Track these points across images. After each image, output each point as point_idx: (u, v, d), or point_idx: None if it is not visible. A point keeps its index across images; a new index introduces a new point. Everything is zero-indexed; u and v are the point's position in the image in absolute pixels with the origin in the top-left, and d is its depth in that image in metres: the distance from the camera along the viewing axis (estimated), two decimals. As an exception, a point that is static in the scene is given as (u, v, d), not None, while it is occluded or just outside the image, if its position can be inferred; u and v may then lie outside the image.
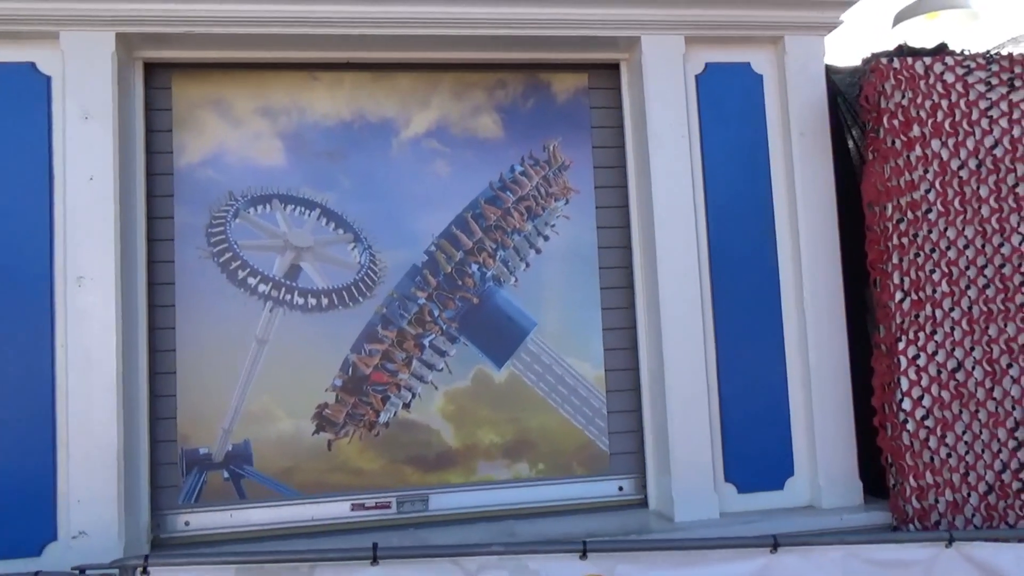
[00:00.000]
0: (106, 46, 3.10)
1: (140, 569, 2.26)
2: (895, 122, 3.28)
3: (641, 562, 2.44)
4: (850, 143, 3.63)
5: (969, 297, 3.22)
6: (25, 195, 3.06)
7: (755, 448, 3.41)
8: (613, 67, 3.70)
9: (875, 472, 3.38)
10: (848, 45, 4.28)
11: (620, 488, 3.55)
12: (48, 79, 3.12)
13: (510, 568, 2.37)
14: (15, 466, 2.94)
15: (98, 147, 3.07)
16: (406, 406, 3.46)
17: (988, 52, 3.40)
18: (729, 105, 3.56)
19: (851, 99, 3.58)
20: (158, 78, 3.41)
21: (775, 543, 2.50)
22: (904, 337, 3.19)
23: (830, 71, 3.62)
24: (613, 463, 3.55)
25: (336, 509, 3.37)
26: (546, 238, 3.62)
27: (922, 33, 4.25)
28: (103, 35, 3.10)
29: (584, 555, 2.41)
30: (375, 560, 2.33)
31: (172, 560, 2.32)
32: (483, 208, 3.57)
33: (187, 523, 3.27)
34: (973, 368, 3.20)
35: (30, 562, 2.91)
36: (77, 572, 2.26)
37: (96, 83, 3.09)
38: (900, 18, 4.29)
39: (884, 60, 3.33)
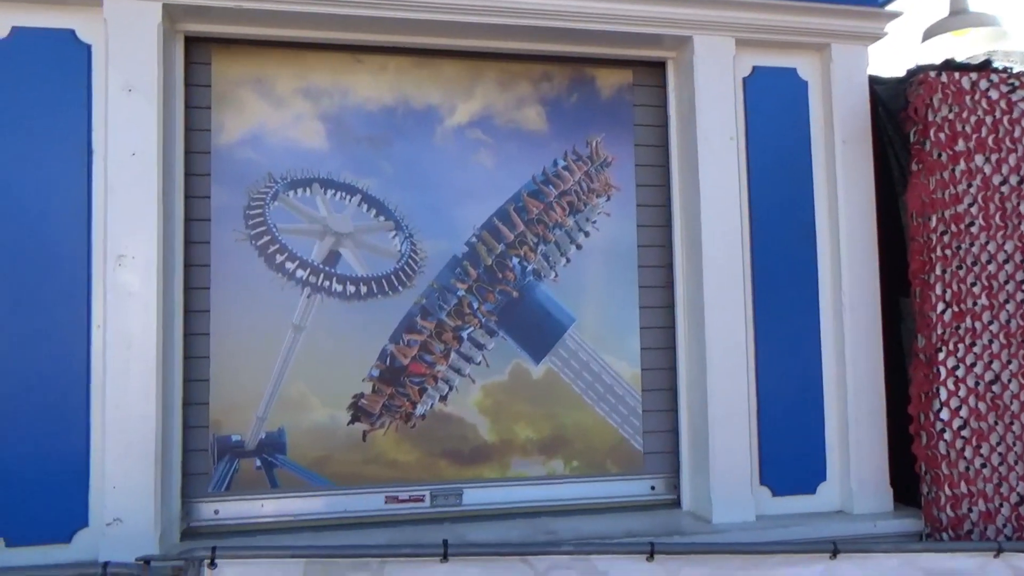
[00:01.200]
0: (152, 17, 2.98)
1: (207, 562, 2.19)
2: (941, 135, 3.31)
3: (706, 565, 2.44)
4: (889, 153, 3.66)
5: (1007, 311, 3.28)
6: (62, 169, 2.94)
7: (790, 452, 3.43)
8: (658, 65, 3.68)
9: (903, 479, 3.43)
10: (881, 57, 4.32)
11: (652, 488, 3.55)
12: (89, 48, 3.00)
13: (579, 568, 2.35)
14: (47, 450, 2.83)
15: (141, 121, 2.95)
16: (443, 399, 3.41)
17: (1031, 71, 3.46)
18: (774, 109, 3.57)
19: (892, 110, 3.60)
20: (198, 53, 3.29)
21: (835, 549, 2.51)
22: (944, 348, 3.24)
23: (872, 81, 3.65)
24: (647, 462, 3.55)
25: (369, 501, 3.31)
26: (587, 234, 3.60)
27: (951, 49, 4.31)
28: (150, 5, 2.98)
29: (651, 557, 2.39)
30: (445, 557, 2.28)
31: (240, 553, 2.24)
32: (525, 201, 3.53)
33: (216, 512, 3.18)
34: (1009, 381, 3.27)
35: (60, 549, 2.82)
36: (142, 563, 2.18)
37: (141, 55, 2.97)
38: (929, 34, 4.35)
39: (932, 73, 3.36)
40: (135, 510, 2.82)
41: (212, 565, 2.19)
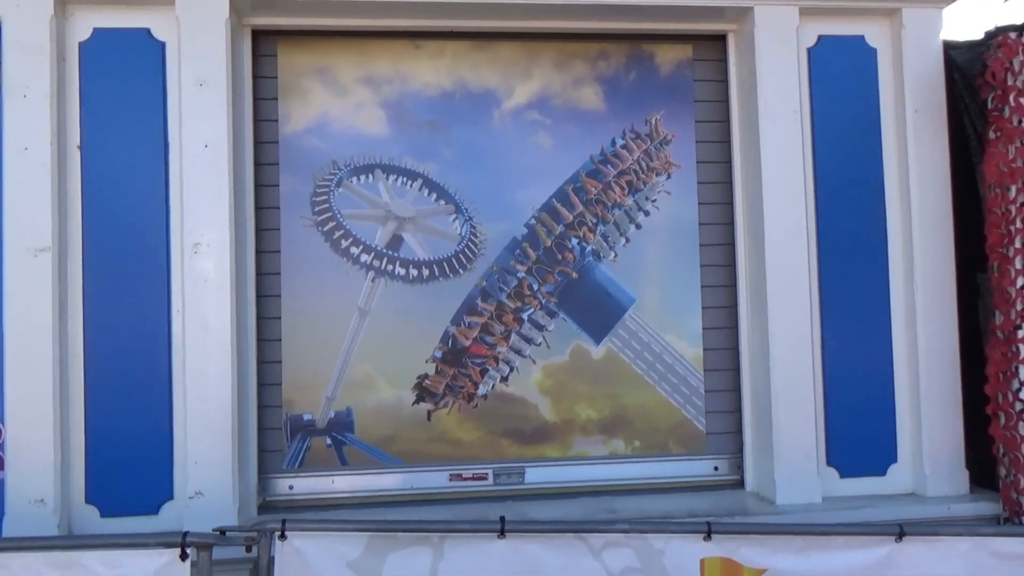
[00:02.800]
0: (220, 12, 3.10)
1: (279, 533, 2.31)
2: (1022, 100, 3.14)
3: (765, 545, 2.42)
4: (965, 122, 3.49)
5: (1095, 285, 3.11)
6: (141, 162, 3.10)
7: (858, 432, 3.35)
8: (719, 39, 3.60)
9: (980, 461, 3.31)
10: (960, 20, 4.11)
11: (716, 468, 3.53)
12: (163, 45, 3.14)
13: (635, 547, 2.37)
14: (135, 427, 3.02)
15: (213, 114, 3.09)
16: (504, 379, 3.47)
17: (1125, 28, 3.23)
18: (841, 80, 3.45)
19: (969, 75, 3.44)
20: (264, 45, 3.41)
21: (901, 531, 2.46)
22: (1024, 325, 3.10)
23: (947, 46, 3.48)
24: (709, 443, 3.53)
25: (434, 479, 3.41)
26: (647, 213, 3.57)
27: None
28: (218, 1, 3.09)
29: (708, 536, 2.40)
30: (503, 533, 2.35)
31: (309, 526, 2.36)
32: (584, 181, 3.53)
33: (291, 487, 3.34)
34: (1095, 359, 3.10)
35: (148, 520, 3.01)
36: (219, 533, 2.32)
37: (211, 50, 3.09)
38: (1015, -10, 4.10)
39: (1012, 35, 3.19)
40: (215, 484, 2.99)
41: (282, 536, 2.32)
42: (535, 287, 3.49)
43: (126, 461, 3.01)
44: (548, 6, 3.32)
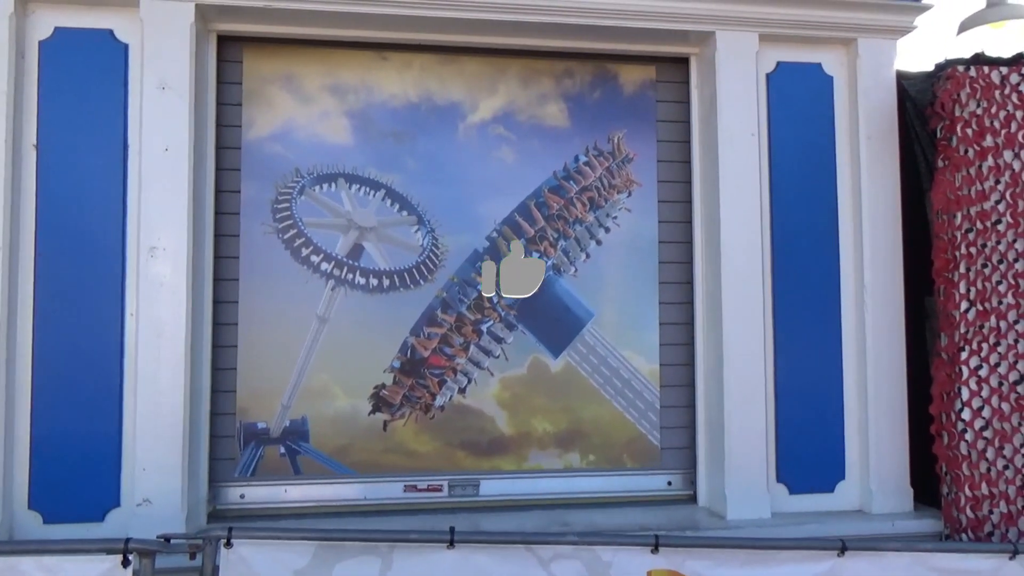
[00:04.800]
0: (186, 16, 3.09)
1: (224, 541, 2.29)
2: (968, 131, 3.26)
3: (711, 559, 2.45)
4: (916, 150, 3.61)
5: (1035, 310, 3.22)
6: (100, 163, 3.07)
7: (808, 450, 3.42)
8: (682, 61, 3.68)
9: (924, 479, 3.39)
10: (914, 51, 4.25)
11: (669, 483, 3.57)
12: (126, 47, 3.12)
13: (584, 559, 2.39)
14: (83, 432, 2.96)
15: (174, 118, 3.07)
16: (462, 391, 3.48)
17: (1065, 65, 3.37)
18: (798, 105, 3.55)
19: (920, 105, 3.56)
20: (230, 51, 3.40)
21: (843, 547, 2.51)
22: (967, 347, 3.19)
23: (900, 76, 3.60)
24: (664, 458, 3.57)
25: (389, 490, 3.39)
26: (607, 230, 3.62)
27: (988, 42, 4.20)
28: (184, 5, 3.09)
29: (656, 549, 2.42)
30: (452, 544, 2.35)
31: (256, 534, 2.34)
32: (546, 197, 3.57)
33: (242, 496, 3.30)
34: (1035, 381, 3.21)
35: (93, 527, 2.96)
36: (163, 540, 2.29)
37: (175, 53, 3.08)
38: (965, 26, 4.24)
39: (960, 68, 3.31)
40: (164, 492, 2.94)
41: (228, 544, 2.29)
42: (495, 300, 3.51)
43: (72, 467, 2.95)
44: (515, 23, 3.36)
